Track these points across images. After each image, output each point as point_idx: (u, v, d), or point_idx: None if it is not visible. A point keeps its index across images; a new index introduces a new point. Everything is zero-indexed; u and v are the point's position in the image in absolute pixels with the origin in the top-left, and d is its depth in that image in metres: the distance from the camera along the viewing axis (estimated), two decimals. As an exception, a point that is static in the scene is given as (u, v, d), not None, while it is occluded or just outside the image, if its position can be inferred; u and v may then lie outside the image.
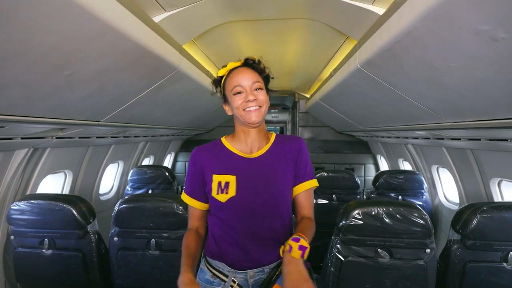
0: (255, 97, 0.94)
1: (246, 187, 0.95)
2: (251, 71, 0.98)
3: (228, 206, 0.95)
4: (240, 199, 0.94)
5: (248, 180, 0.96)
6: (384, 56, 1.18)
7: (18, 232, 1.57)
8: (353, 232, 1.45)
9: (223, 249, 0.98)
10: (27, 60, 0.85)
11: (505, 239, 1.39)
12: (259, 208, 0.95)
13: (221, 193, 0.95)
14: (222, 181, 0.97)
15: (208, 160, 1.01)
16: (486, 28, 0.72)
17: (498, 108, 1.06)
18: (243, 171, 0.98)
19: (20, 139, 1.41)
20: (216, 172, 0.98)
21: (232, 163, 0.99)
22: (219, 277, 0.97)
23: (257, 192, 0.95)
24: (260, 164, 0.99)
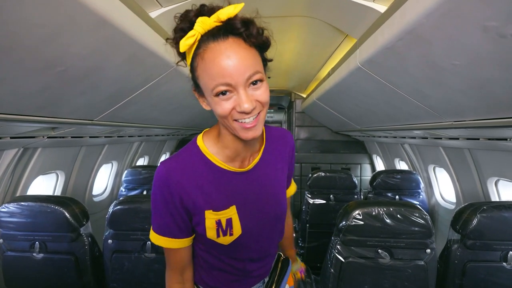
0: (253, 103, 0.60)
1: (250, 216, 0.75)
2: (243, 49, 0.59)
3: (233, 246, 0.75)
4: (247, 236, 0.75)
5: (249, 205, 0.75)
6: (385, 54, 1.16)
7: (8, 235, 1.51)
8: (354, 233, 1.43)
9: (222, 279, 0.81)
10: (16, 55, 0.80)
11: (504, 239, 1.39)
12: (265, 233, 0.81)
13: (224, 236, 0.72)
14: (222, 220, 0.71)
15: (191, 188, 0.70)
16: (494, 25, 0.70)
17: (500, 107, 1.05)
18: (242, 195, 0.74)
19: (10, 139, 1.35)
20: (210, 207, 0.71)
21: (227, 187, 0.72)
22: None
23: (263, 215, 0.78)
24: (258, 177, 0.77)
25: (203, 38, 0.60)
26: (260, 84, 0.62)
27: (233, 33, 0.60)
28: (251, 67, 0.59)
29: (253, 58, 0.61)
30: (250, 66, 0.59)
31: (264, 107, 0.64)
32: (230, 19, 0.59)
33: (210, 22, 0.59)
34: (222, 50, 0.58)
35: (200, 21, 0.59)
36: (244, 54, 0.59)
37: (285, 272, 0.91)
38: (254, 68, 0.60)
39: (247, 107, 0.59)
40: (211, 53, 0.59)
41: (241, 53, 0.59)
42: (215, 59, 0.58)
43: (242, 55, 0.59)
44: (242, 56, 0.59)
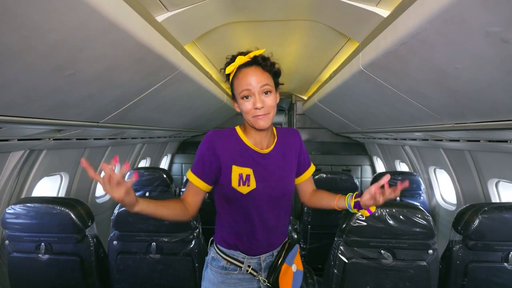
0: (263, 104, 0.96)
1: (262, 181, 1.01)
2: (260, 72, 0.97)
3: (247, 198, 1.00)
4: (259, 192, 1.00)
5: (263, 174, 1.02)
6: (388, 58, 1.18)
7: (13, 236, 1.52)
8: (357, 234, 1.45)
9: (238, 239, 1.05)
10: (29, 59, 0.82)
11: (506, 240, 1.41)
12: (272, 200, 1.04)
13: (243, 185, 1.00)
14: (243, 174, 1.00)
15: (227, 149, 1.01)
16: (497, 30, 0.72)
17: (502, 110, 1.07)
18: (259, 166, 1.03)
19: (17, 141, 1.37)
20: (236, 163, 1.01)
21: (249, 157, 1.03)
22: (234, 263, 1.05)
23: (271, 186, 1.03)
24: (271, 160, 1.05)
25: (239, 67, 0.99)
26: (269, 94, 0.98)
27: (256, 64, 0.98)
28: (264, 81, 0.97)
29: (266, 77, 0.98)
30: (263, 81, 0.97)
31: (271, 110, 0.99)
32: (255, 56, 0.99)
33: (245, 58, 0.98)
34: (248, 72, 0.97)
35: (239, 58, 0.99)
36: (260, 74, 0.97)
37: (291, 250, 1.11)
38: (265, 82, 0.97)
39: (259, 105, 0.96)
40: (242, 73, 0.98)
41: (258, 74, 0.97)
42: (244, 77, 0.98)
43: (259, 74, 0.97)
44: (259, 75, 0.97)
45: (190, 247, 1.52)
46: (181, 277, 1.53)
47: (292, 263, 1.10)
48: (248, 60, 0.98)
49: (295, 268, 1.11)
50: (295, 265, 1.11)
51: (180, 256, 1.52)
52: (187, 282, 1.54)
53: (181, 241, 1.53)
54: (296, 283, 1.10)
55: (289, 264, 1.08)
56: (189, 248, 1.52)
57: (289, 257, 1.09)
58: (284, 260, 1.07)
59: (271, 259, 1.10)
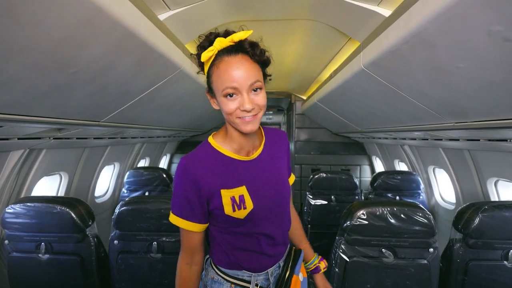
0: (253, 105, 0.77)
1: (258, 195, 0.87)
2: (249, 64, 0.76)
3: (247, 221, 0.86)
4: (259, 211, 0.86)
5: (257, 186, 0.88)
6: (390, 57, 1.19)
7: (13, 236, 1.51)
8: (358, 232, 1.46)
9: (242, 258, 0.91)
10: (32, 57, 0.82)
11: (505, 238, 1.42)
12: (274, 212, 0.91)
13: (238, 210, 0.84)
14: (236, 196, 0.84)
15: (207, 174, 0.83)
16: (499, 29, 0.73)
17: (502, 109, 1.08)
18: (250, 178, 0.87)
19: (17, 140, 1.36)
20: (224, 186, 0.84)
21: (236, 170, 0.86)
22: (240, 284, 0.91)
23: (269, 196, 0.89)
24: (262, 165, 0.91)
25: (219, 53, 0.77)
26: (259, 91, 0.79)
27: (242, 51, 0.77)
28: (254, 77, 0.77)
29: (256, 70, 0.78)
30: (253, 76, 0.76)
31: (261, 110, 0.81)
32: (241, 41, 0.77)
33: (226, 42, 0.76)
34: (233, 62, 0.76)
35: (218, 40, 0.76)
36: (249, 66, 0.77)
37: (298, 258, 1.00)
38: (256, 77, 0.77)
39: (248, 107, 0.76)
40: (225, 64, 0.76)
41: (247, 66, 0.76)
42: (227, 69, 0.76)
43: (247, 67, 0.76)
44: (248, 68, 0.76)
45: (192, 246, 1.52)
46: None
47: (299, 272, 0.98)
48: (231, 44, 0.76)
49: (301, 277, 0.99)
50: (301, 274, 1.00)
51: (181, 255, 1.52)
52: (188, 282, 1.54)
53: (183, 240, 1.53)
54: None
55: (297, 275, 0.96)
56: (191, 247, 1.52)
57: (297, 267, 0.98)
58: (293, 271, 0.95)
59: (278, 271, 0.97)
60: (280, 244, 0.96)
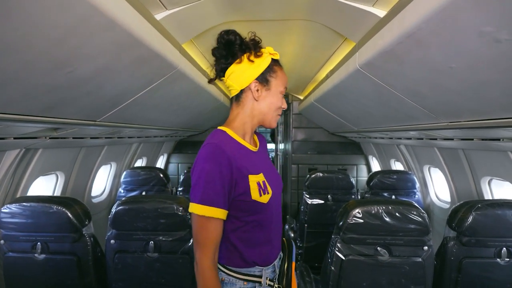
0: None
1: (272, 183, 0.96)
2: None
3: (268, 206, 0.91)
4: (275, 196, 0.95)
5: (268, 175, 0.96)
6: (384, 57, 1.20)
7: (9, 236, 1.51)
8: (353, 231, 1.47)
9: (255, 254, 0.93)
10: (29, 56, 0.82)
11: (498, 236, 1.44)
12: (278, 200, 1.01)
13: (264, 194, 0.89)
14: (260, 182, 0.90)
15: (239, 158, 0.88)
16: (490, 30, 0.74)
17: (495, 109, 1.09)
18: (263, 167, 0.97)
19: (13, 139, 1.36)
20: (251, 172, 0.89)
21: (254, 160, 0.95)
22: (252, 280, 0.94)
23: (277, 185, 0.99)
24: (264, 157, 1.04)
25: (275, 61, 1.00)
26: None
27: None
28: None
29: None
30: None
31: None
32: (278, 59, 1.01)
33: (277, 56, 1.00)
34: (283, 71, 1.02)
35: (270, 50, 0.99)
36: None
37: (292, 248, 1.07)
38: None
39: (284, 106, 1.02)
40: (281, 70, 1.00)
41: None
42: (284, 75, 1.01)
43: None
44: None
45: (188, 245, 1.52)
46: (179, 275, 1.54)
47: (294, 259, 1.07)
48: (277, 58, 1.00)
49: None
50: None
51: (178, 255, 1.52)
52: (185, 281, 1.55)
53: (179, 239, 1.53)
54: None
55: (294, 261, 1.05)
56: (187, 246, 1.52)
57: (293, 255, 1.05)
58: (291, 259, 1.03)
59: (279, 263, 1.03)
60: (279, 234, 1.03)
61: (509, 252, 1.45)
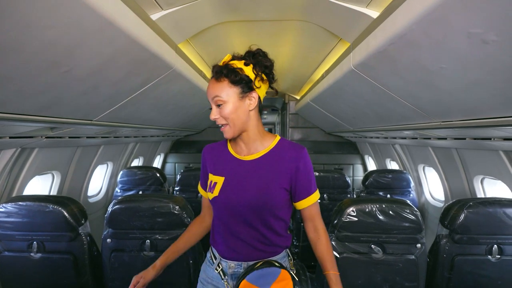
0: (216, 116, 0.96)
1: (229, 190, 1.00)
2: (213, 84, 0.96)
3: (213, 204, 1.04)
4: (219, 200, 1.00)
5: (233, 182, 1.00)
6: (377, 58, 1.22)
7: (5, 235, 1.50)
8: (348, 229, 1.49)
9: (215, 238, 1.08)
10: (24, 55, 0.82)
11: (489, 233, 1.47)
12: (239, 210, 0.98)
13: (209, 192, 1.04)
14: (213, 181, 1.04)
15: (209, 159, 1.09)
16: (478, 31, 0.76)
17: (484, 108, 1.12)
18: (232, 173, 1.02)
19: (8, 138, 1.36)
20: (212, 172, 1.07)
21: (225, 164, 1.05)
22: (213, 259, 1.08)
23: (240, 194, 0.98)
24: (251, 167, 1.00)
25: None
26: (223, 105, 0.95)
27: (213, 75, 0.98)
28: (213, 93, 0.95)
29: (218, 88, 0.95)
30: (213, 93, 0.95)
31: (229, 120, 0.96)
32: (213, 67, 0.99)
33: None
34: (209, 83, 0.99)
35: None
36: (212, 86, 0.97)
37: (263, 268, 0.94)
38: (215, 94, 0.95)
39: (211, 117, 0.97)
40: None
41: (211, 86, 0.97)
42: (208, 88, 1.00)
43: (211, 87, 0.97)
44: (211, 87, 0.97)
45: (185, 244, 1.53)
46: (175, 273, 1.54)
47: (263, 285, 0.91)
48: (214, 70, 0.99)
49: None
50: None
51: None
52: (182, 279, 1.55)
53: (175, 238, 1.52)
54: None
55: (254, 284, 0.92)
56: (184, 245, 1.53)
57: (256, 276, 0.93)
58: (246, 275, 0.93)
59: (240, 270, 1.01)
60: (247, 246, 1.01)
61: (500, 249, 1.47)
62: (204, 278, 1.11)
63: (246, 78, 0.95)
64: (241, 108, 0.96)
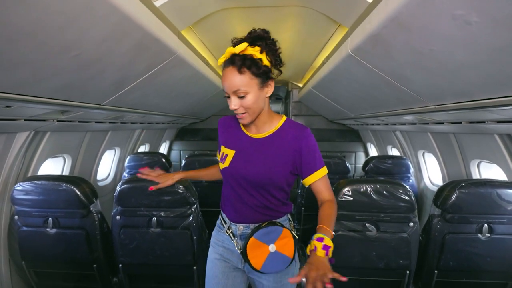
0: (237, 106, 1.01)
1: (238, 163, 1.11)
2: (234, 75, 0.97)
3: (224, 173, 1.16)
4: (229, 171, 1.12)
5: (243, 156, 1.11)
6: (373, 42, 1.26)
7: (22, 212, 1.62)
8: (344, 208, 1.56)
9: (225, 204, 1.21)
10: (38, 39, 0.89)
11: (480, 212, 1.52)
12: (246, 181, 1.11)
13: (221, 162, 1.16)
14: (224, 153, 1.16)
15: (223, 131, 1.21)
16: (461, 13, 0.80)
17: (474, 90, 1.16)
18: (242, 148, 1.13)
19: (23, 121, 1.45)
20: (224, 144, 1.18)
21: (237, 140, 1.15)
22: (223, 224, 1.21)
23: (247, 168, 1.09)
24: (260, 145, 1.11)
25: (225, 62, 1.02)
26: (245, 96, 1.00)
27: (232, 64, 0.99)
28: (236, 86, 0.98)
29: (240, 80, 0.98)
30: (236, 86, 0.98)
31: (249, 110, 1.02)
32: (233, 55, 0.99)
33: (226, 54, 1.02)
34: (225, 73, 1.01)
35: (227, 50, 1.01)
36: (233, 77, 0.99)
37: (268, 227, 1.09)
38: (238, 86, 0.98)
39: (233, 107, 1.02)
40: (223, 72, 1.04)
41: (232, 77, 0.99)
42: (223, 77, 1.03)
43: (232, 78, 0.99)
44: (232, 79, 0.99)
45: (188, 221, 1.63)
46: (180, 249, 1.65)
47: (268, 241, 1.07)
48: (226, 59, 1.00)
49: (273, 248, 1.07)
50: (275, 247, 1.08)
51: (179, 230, 1.63)
52: (186, 254, 1.66)
53: (179, 216, 1.64)
54: (273, 265, 1.08)
55: (260, 240, 1.08)
56: (187, 222, 1.63)
57: (261, 234, 1.08)
58: (253, 234, 1.08)
59: (247, 231, 1.14)
60: (253, 211, 1.14)
61: (490, 228, 1.53)
62: (215, 242, 1.23)
63: (266, 69, 0.99)
64: (260, 97, 1.02)
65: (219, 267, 1.19)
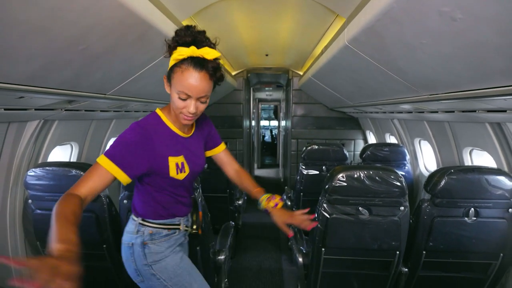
0: (196, 110, 1.00)
1: (191, 163, 1.16)
2: (206, 81, 0.96)
3: (184, 182, 1.16)
4: (190, 175, 1.16)
5: (189, 157, 1.16)
6: (368, 33, 1.30)
7: (36, 196, 1.72)
8: (338, 193, 1.65)
9: (175, 210, 1.22)
10: (50, 34, 0.95)
11: (467, 197, 1.61)
12: (194, 177, 1.22)
13: (180, 173, 1.11)
14: (179, 162, 1.10)
15: (159, 142, 1.05)
16: (447, 10, 0.86)
17: (463, 81, 1.21)
18: (186, 150, 1.15)
19: (34, 110, 1.52)
20: (171, 154, 1.08)
21: (178, 144, 1.12)
22: (174, 228, 1.22)
23: (197, 164, 1.20)
24: (192, 143, 1.20)
25: (188, 59, 0.95)
26: (204, 101, 1.02)
27: (205, 69, 0.96)
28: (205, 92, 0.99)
29: (209, 86, 0.99)
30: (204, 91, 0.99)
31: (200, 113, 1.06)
32: (208, 61, 0.96)
33: (197, 54, 0.95)
34: (195, 76, 0.95)
35: (192, 49, 0.95)
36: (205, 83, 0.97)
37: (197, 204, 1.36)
38: (206, 92, 0.99)
39: (192, 110, 1.00)
40: (188, 72, 0.95)
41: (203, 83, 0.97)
42: (188, 78, 0.95)
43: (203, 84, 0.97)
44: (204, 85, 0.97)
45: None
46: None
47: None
48: (199, 59, 0.94)
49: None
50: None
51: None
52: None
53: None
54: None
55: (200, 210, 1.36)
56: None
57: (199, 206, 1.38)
58: (198, 209, 1.34)
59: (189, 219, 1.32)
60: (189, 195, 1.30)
61: (476, 211, 1.62)
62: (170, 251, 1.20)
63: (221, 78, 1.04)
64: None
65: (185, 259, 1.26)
